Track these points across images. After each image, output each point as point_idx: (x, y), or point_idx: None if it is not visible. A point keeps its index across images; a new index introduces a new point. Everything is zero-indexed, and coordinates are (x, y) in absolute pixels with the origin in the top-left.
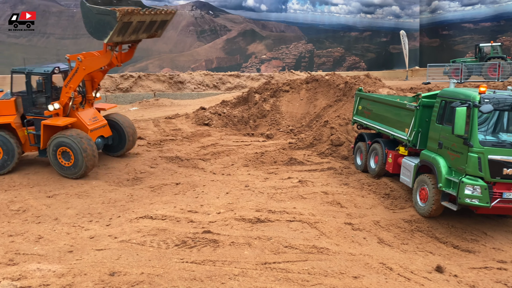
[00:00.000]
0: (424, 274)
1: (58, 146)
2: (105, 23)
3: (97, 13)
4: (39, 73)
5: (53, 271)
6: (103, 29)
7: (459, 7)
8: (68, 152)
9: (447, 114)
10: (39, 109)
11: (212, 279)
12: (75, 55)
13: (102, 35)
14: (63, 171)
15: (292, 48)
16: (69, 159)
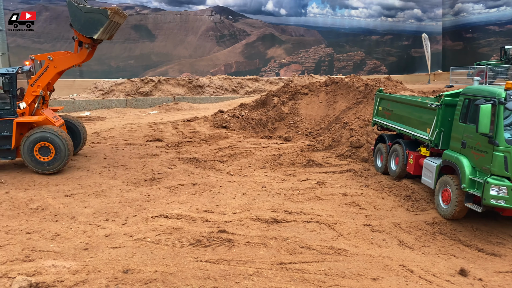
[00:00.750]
0: (447, 277)
1: (36, 142)
2: (95, 20)
3: (86, 12)
4: (3, 74)
5: (68, 268)
6: (93, 26)
7: (483, 9)
8: (47, 146)
9: (471, 112)
10: (1, 110)
11: (226, 278)
12: (43, 54)
13: (92, 31)
14: (40, 166)
15: (312, 52)
16: (48, 154)
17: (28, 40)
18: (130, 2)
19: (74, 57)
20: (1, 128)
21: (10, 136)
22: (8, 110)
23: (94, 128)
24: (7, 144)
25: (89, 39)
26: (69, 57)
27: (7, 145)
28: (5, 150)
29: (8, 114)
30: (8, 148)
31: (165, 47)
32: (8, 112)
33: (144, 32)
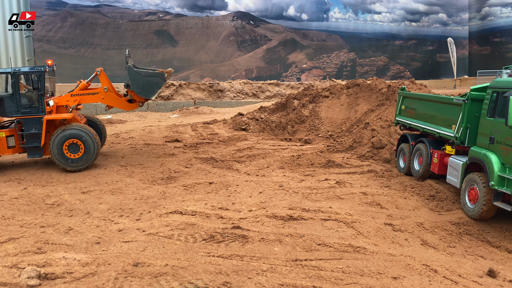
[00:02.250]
0: (474, 278)
1: (66, 139)
2: (153, 83)
3: (145, 76)
4: (32, 72)
5: (78, 260)
6: (151, 88)
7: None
8: (77, 143)
9: (500, 106)
10: (29, 108)
11: (239, 273)
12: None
13: (150, 93)
14: (68, 163)
15: (334, 57)
16: (77, 150)
17: (54, 46)
18: (152, 8)
19: (124, 106)
20: (29, 126)
21: (38, 134)
22: (37, 108)
23: (115, 130)
24: (35, 141)
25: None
26: (119, 102)
27: (35, 142)
28: (33, 148)
29: (37, 112)
30: (36, 146)
31: (186, 52)
32: (37, 110)
33: (166, 37)
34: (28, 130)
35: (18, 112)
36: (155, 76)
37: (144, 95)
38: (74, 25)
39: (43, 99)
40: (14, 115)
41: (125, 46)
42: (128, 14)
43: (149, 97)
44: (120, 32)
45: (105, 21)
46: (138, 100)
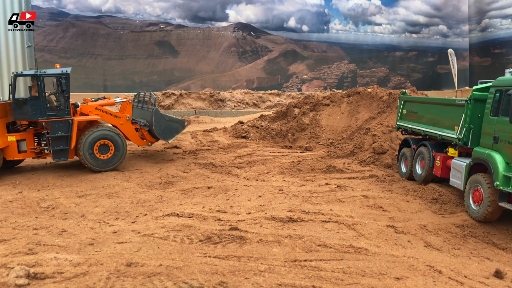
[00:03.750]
0: (481, 279)
1: (97, 140)
2: (173, 128)
3: (168, 120)
4: (58, 74)
5: (70, 261)
6: (170, 132)
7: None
8: (107, 144)
9: (504, 104)
10: (55, 110)
11: (235, 274)
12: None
13: (169, 137)
14: (99, 164)
15: (334, 68)
16: (107, 151)
17: (55, 56)
18: (154, 19)
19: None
20: (55, 129)
21: (65, 137)
22: (63, 111)
23: None
24: (61, 144)
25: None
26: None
27: (61, 145)
28: (59, 151)
29: (62, 114)
30: (62, 149)
31: (187, 62)
32: (62, 112)
33: (167, 48)
34: (54, 133)
35: (44, 114)
36: (176, 122)
37: (163, 137)
38: (76, 36)
39: (69, 102)
40: (39, 117)
41: (126, 56)
42: (129, 25)
43: (167, 139)
44: (121, 43)
45: (107, 31)
46: (149, 140)
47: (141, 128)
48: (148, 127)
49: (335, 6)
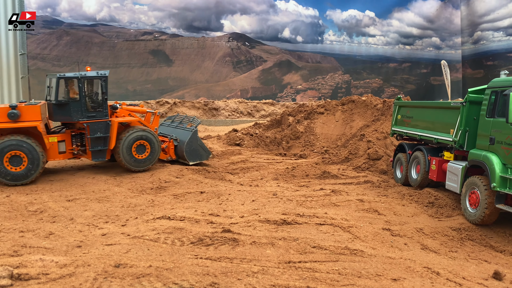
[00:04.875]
0: (479, 280)
1: (135, 141)
2: (199, 154)
3: (199, 144)
4: (97, 77)
5: (56, 262)
6: (194, 156)
7: (504, 37)
8: (144, 144)
9: (500, 105)
10: (94, 112)
11: (228, 275)
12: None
13: (192, 159)
14: (137, 164)
15: (329, 78)
16: (143, 151)
17: (48, 63)
18: (148, 28)
19: None
20: (94, 130)
21: (103, 137)
22: (101, 112)
23: None
24: (100, 145)
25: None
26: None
27: (99, 146)
28: (98, 151)
29: (101, 116)
30: (101, 149)
31: (182, 72)
32: (101, 114)
33: (162, 57)
34: (93, 133)
35: (84, 116)
36: (204, 151)
37: (188, 156)
38: (70, 44)
39: (107, 103)
40: (80, 119)
41: (120, 65)
42: (124, 34)
43: (190, 160)
44: (115, 51)
45: (101, 40)
46: (170, 154)
47: (170, 142)
48: (178, 143)
49: (329, 17)
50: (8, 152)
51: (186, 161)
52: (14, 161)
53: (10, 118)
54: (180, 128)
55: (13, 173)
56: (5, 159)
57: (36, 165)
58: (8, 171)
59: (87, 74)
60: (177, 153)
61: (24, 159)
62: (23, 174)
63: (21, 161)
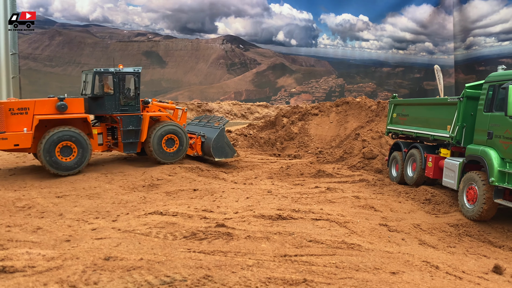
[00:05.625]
0: (479, 274)
1: (165, 134)
2: (225, 151)
3: (226, 142)
4: (131, 73)
5: (43, 255)
6: (220, 153)
7: (495, 43)
8: (173, 138)
9: (498, 99)
10: (127, 106)
11: (221, 268)
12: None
13: (218, 155)
14: (166, 157)
15: (322, 82)
16: (172, 145)
17: (40, 64)
18: (142, 29)
19: None
20: (127, 123)
21: (135, 130)
22: (133, 106)
23: None
24: (132, 137)
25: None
26: None
27: (131, 138)
28: (129, 144)
29: (133, 110)
30: (132, 142)
31: (175, 73)
32: (133, 108)
33: (155, 58)
34: (125, 126)
35: (117, 109)
36: (230, 149)
37: (214, 152)
38: (62, 44)
39: (139, 98)
40: (114, 112)
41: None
42: (117, 35)
43: (215, 157)
44: (108, 52)
45: (94, 40)
46: (196, 150)
47: (198, 138)
48: (205, 140)
49: (323, 21)
50: (60, 143)
51: (212, 157)
52: (65, 152)
53: (59, 109)
54: (208, 126)
55: (64, 163)
56: (57, 149)
57: (85, 156)
58: (60, 162)
59: (122, 70)
60: (204, 149)
61: (74, 149)
62: (73, 165)
63: (71, 152)
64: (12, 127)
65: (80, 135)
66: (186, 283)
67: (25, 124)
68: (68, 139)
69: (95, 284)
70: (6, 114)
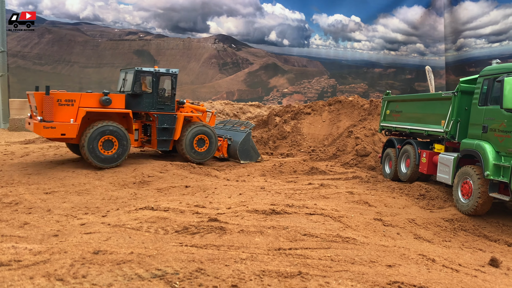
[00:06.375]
0: (476, 267)
1: (197, 134)
2: (250, 154)
3: (251, 145)
4: (169, 74)
5: (30, 249)
6: (246, 156)
7: (486, 44)
8: (204, 139)
9: (493, 92)
10: (163, 105)
11: (214, 261)
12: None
13: (244, 158)
14: (197, 156)
15: (314, 82)
16: (203, 145)
17: (29, 62)
18: (133, 27)
19: None
20: (162, 121)
21: (169, 129)
22: (169, 106)
23: None
24: (166, 135)
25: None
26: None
27: (165, 136)
28: (163, 141)
29: (169, 109)
30: (166, 139)
31: None
32: (168, 107)
33: (147, 57)
34: (161, 124)
35: (154, 108)
36: (255, 153)
37: (240, 155)
38: (52, 42)
39: (174, 99)
40: (151, 110)
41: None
42: (108, 33)
43: (241, 159)
44: (99, 51)
45: (84, 39)
46: (222, 152)
47: (224, 141)
48: (231, 143)
49: (315, 22)
50: (102, 137)
51: (238, 159)
52: (107, 145)
53: (103, 103)
54: (234, 130)
55: (105, 156)
56: (100, 143)
57: (125, 149)
58: (102, 155)
59: (160, 70)
60: (230, 152)
61: (115, 143)
62: (113, 157)
63: (112, 145)
64: (59, 117)
65: (121, 129)
66: (178, 276)
67: (71, 115)
68: (110, 133)
69: (84, 277)
70: (55, 104)
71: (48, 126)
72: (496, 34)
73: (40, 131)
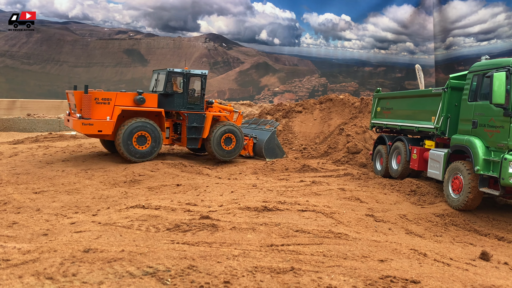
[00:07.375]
0: (467, 260)
1: (224, 133)
2: (276, 152)
3: (277, 144)
4: (199, 75)
5: (18, 248)
6: (271, 154)
7: (474, 43)
8: (231, 137)
9: (482, 88)
10: (193, 104)
11: (206, 258)
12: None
13: (269, 156)
14: (224, 154)
15: (305, 81)
16: (230, 143)
17: (17, 61)
18: (123, 26)
19: None
20: (192, 120)
21: (198, 127)
22: (198, 106)
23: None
24: (195, 133)
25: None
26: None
27: (194, 134)
28: (192, 139)
29: (198, 109)
30: (195, 137)
31: None
32: (198, 107)
33: (137, 56)
34: (190, 123)
35: (184, 107)
36: (281, 151)
37: (266, 153)
38: (40, 41)
39: (204, 99)
40: (182, 109)
41: (93, 64)
42: (97, 32)
43: (267, 157)
44: (88, 50)
45: (73, 38)
46: (248, 150)
47: (250, 140)
48: (256, 141)
49: (306, 21)
50: (136, 133)
51: (263, 158)
52: (140, 141)
53: (137, 102)
54: (259, 129)
55: (140, 151)
56: (134, 139)
57: (158, 144)
58: (136, 150)
59: (191, 71)
60: (255, 150)
61: (148, 138)
62: (148, 152)
63: (146, 141)
64: (96, 115)
65: (154, 126)
66: (170, 273)
67: (107, 113)
68: (144, 129)
69: (74, 276)
70: (92, 103)
71: (86, 123)
72: (485, 32)
73: (79, 127)
